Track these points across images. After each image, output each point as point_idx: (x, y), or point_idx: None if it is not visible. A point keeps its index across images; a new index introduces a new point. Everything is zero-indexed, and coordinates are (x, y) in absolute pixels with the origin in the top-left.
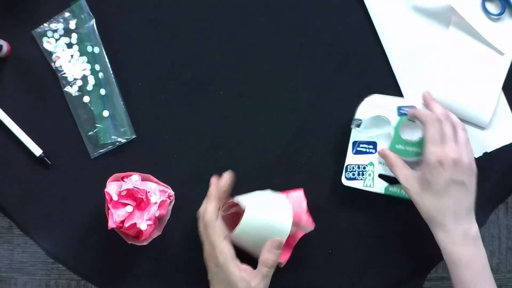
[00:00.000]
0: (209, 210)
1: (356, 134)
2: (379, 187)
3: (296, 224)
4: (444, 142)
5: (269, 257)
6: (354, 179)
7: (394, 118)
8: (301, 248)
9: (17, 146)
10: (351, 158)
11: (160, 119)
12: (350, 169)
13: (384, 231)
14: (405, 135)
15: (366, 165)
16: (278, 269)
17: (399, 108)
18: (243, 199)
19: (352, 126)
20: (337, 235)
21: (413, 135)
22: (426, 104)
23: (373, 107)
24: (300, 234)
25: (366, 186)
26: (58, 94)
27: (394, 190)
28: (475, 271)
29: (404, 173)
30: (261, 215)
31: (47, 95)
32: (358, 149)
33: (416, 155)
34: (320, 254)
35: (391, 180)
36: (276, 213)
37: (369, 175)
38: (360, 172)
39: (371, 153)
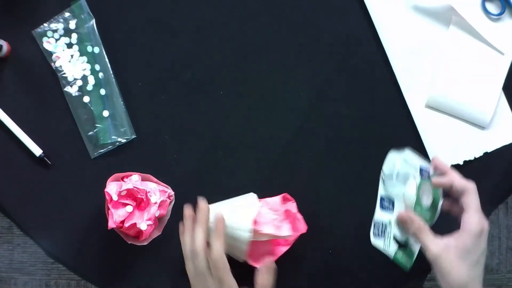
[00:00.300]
0: (218, 247)
1: (384, 188)
2: (392, 250)
3: (255, 231)
4: (480, 211)
5: (265, 277)
6: (379, 237)
7: (418, 179)
8: (301, 248)
9: (17, 146)
10: (379, 214)
11: (160, 119)
12: (377, 225)
13: None
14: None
15: (387, 224)
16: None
17: (421, 169)
18: (214, 207)
19: (385, 178)
20: (337, 235)
21: (425, 199)
22: (443, 173)
23: (404, 163)
24: (281, 242)
25: (385, 246)
26: (58, 94)
27: (400, 257)
28: None
29: (436, 242)
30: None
31: (47, 95)
32: (383, 205)
33: (427, 221)
34: (320, 254)
35: (400, 245)
36: (237, 221)
37: (388, 235)
38: (383, 230)
39: (391, 211)
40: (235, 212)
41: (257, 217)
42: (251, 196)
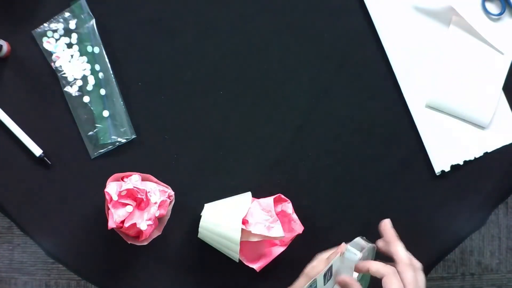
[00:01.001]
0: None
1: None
2: None
3: (245, 231)
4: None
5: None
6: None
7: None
8: (301, 248)
9: (17, 146)
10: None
11: (160, 119)
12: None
13: None
14: None
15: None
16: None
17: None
18: (209, 206)
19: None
20: (337, 235)
21: None
22: (389, 243)
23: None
24: (277, 243)
25: None
26: (58, 94)
27: None
28: None
29: None
30: (213, 223)
31: (47, 95)
32: (326, 274)
33: None
34: None
35: None
36: (227, 221)
37: None
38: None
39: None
40: (227, 211)
41: (248, 217)
42: (245, 196)
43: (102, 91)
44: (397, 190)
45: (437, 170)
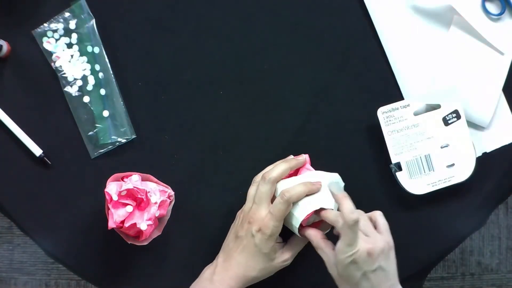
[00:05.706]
0: (296, 190)
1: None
2: None
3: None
4: (357, 240)
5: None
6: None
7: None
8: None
9: (17, 146)
10: None
11: (160, 119)
12: None
13: None
14: None
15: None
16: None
17: None
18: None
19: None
20: (337, 235)
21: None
22: (339, 201)
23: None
24: None
25: None
26: (58, 94)
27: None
28: None
29: (328, 253)
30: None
31: (47, 95)
32: None
33: None
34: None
35: None
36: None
37: None
38: None
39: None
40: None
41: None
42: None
43: (102, 91)
44: (397, 190)
45: None
